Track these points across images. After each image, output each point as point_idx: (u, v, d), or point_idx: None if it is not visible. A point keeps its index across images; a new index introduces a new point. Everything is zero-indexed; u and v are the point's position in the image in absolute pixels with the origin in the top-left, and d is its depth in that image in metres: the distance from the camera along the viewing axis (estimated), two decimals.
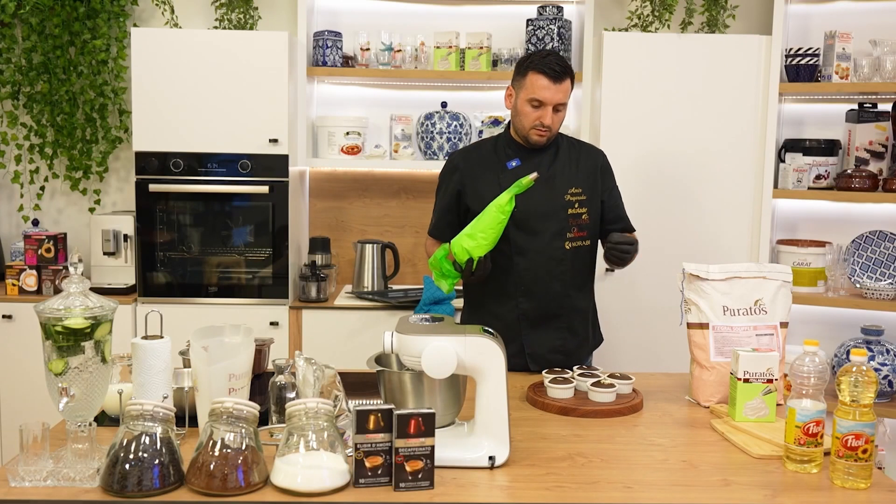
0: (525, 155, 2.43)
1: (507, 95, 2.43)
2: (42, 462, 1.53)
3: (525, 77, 2.34)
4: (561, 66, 2.31)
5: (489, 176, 2.43)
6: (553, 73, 2.30)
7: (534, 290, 2.40)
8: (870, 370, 1.58)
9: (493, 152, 2.47)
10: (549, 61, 2.31)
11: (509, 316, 2.42)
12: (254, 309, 3.45)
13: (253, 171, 3.40)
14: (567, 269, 2.41)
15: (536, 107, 2.33)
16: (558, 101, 2.32)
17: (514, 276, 2.40)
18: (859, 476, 1.58)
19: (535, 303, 2.41)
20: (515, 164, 2.42)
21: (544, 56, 2.33)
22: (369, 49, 3.67)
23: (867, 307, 3.37)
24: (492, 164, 2.45)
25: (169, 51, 3.36)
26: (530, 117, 2.35)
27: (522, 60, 2.38)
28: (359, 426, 1.52)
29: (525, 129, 2.38)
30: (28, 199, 3.88)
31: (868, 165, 3.52)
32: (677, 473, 1.66)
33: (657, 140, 3.49)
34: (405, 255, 3.90)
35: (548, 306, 2.42)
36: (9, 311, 3.43)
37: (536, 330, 2.43)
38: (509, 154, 2.44)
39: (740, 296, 2.11)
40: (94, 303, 1.58)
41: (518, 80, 2.38)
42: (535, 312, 2.42)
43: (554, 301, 2.42)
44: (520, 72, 2.37)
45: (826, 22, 3.61)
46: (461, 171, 2.47)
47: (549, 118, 2.33)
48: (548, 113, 2.32)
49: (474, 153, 2.52)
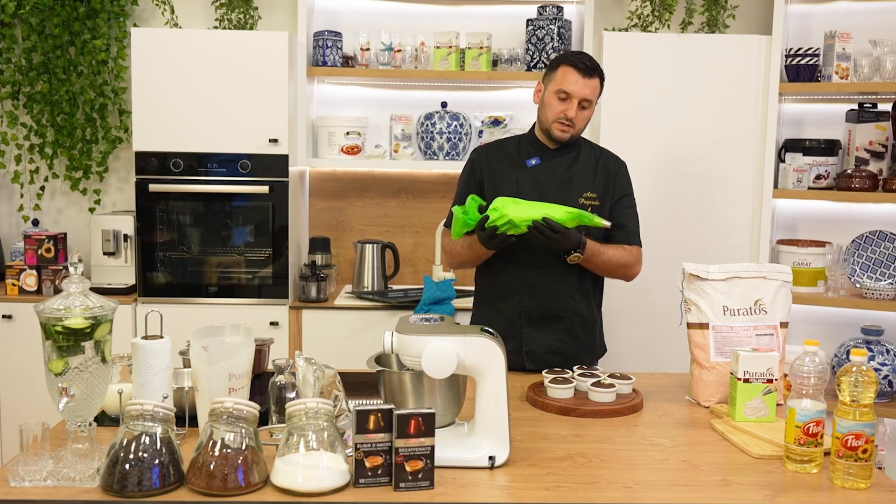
0: (546, 154, 2.47)
1: (536, 91, 2.48)
2: (42, 462, 1.53)
3: (556, 70, 2.40)
4: (591, 64, 2.38)
5: (508, 171, 2.48)
6: (584, 66, 2.36)
7: (537, 289, 2.42)
8: (870, 370, 1.58)
9: (516, 149, 2.52)
10: (581, 57, 2.38)
11: (511, 312, 2.45)
12: (254, 309, 3.45)
13: (253, 171, 3.40)
14: (574, 273, 2.42)
15: (563, 99, 2.37)
16: (585, 96, 2.36)
17: (520, 272, 2.43)
18: (859, 476, 1.58)
19: (538, 302, 2.43)
20: (535, 162, 2.46)
21: (577, 53, 2.42)
22: (369, 49, 3.67)
23: (867, 307, 3.37)
24: (512, 160, 2.50)
25: (169, 51, 3.36)
26: (555, 109, 2.38)
27: (555, 57, 2.46)
28: (359, 426, 1.52)
29: (549, 121, 2.40)
30: (28, 199, 3.88)
31: (868, 165, 3.52)
32: (677, 473, 1.66)
33: (657, 140, 3.49)
34: (405, 255, 3.90)
35: (550, 307, 2.43)
36: (9, 311, 3.43)
37: (536, 329, 2.44)
38: (530, 152, 2.49)
39: (740, 296, 2.11)
40: (94, 303, 1.58)
41: (549, 74, 2.43)
42: (536, 312, 2.43)
43: (556, 303, 2.43)
44: (552, 66, 2.43)
45: (826, 22, 3.61)
46: (482, 163, 2.53)
47: (574, 111, 2.36)
48: (573, 106, 2.36)
49: (497, 149, 2.55)
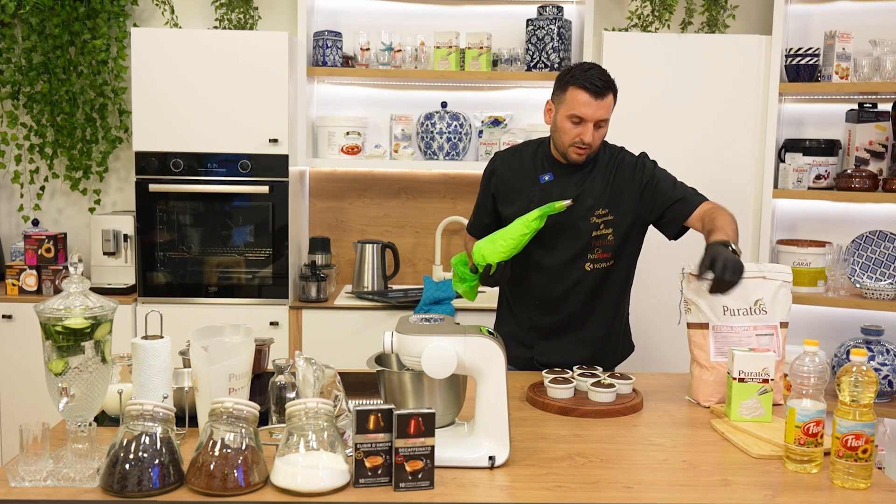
0: (559, 171, 2.36)
1: (547, 110, 2.33)
2: (42, 462, 1.53)
3: (565, 92, 2.23)
4: (603, 81, 2.20)
5: (522, 186, 2.39)
6: (595, 88, 2.18)
7: (548, 306, 2.40)
8: (870, 370, 1.58)
9: (532, 161, 2.40)
10: (590, 76, 2.19)
11: (526, 324, 2.46)
12: (254, 309, 3.45)
13: (253, 171, 3.40)
14: (585, 289, 2.37)
15: (577, 123, 2.22)
16: (600, 118, 2.21)
17: (530, 290, 2.41)
18: (859, 476, 1.58)
19: (549, 318, 2.41)
20: (548, 178, 2.35)
21: (586, 70, 2.21)
22: (369, 49, 3.67)
23: (867, 307, 3.37)
24: (527, 173, 2.39)
25: (169, 51, 3.36)
26: (570, 134, 2.24)
27: (563, 74, 2.27)
28: (359, 426, 1.52)
29: (564, 146, 2.27)
30: (28, 199, 3.88)
31: (868, 165, 3.52)
32: (677, 473, 1.66)
33: (657, 140, 3.48)
34: (405, 255, 3.90)
35: (560, 322, 2.41)
36: (9, 311, 3.43)
37: (548, 341, 2.44)
38: (545, 167, 2.38)
39: (740, 296, 2.10)
40: (94, 303, 1.58)
41: (558, 94, 2.27)
42: (549, 327, 2.42)
43: (567, 318, 2.40)
44: (560, 86, 2.26)
45: (826, 22, 3.61)
46: (497, 175, 2.45)
47: (590, 135, 2.22)
48: (588, 130, 2.21)
49: (515, 158, 2.45)
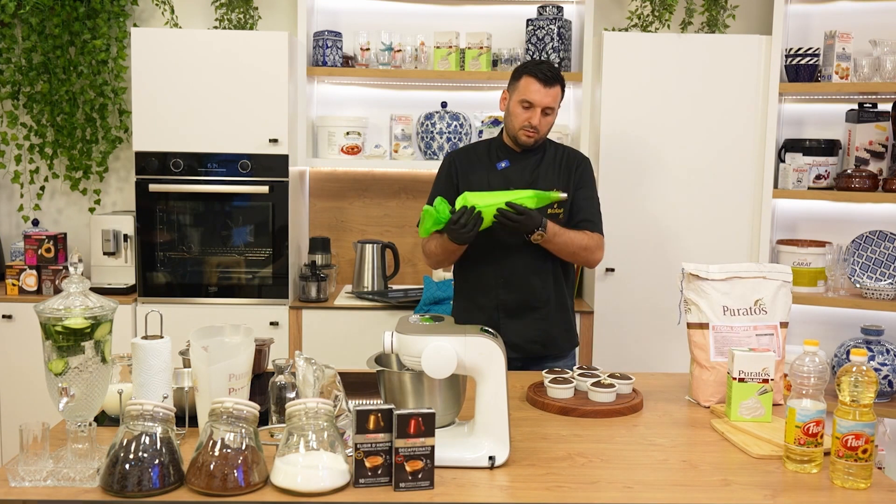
0: (514, 158, 2.61)
1: (502, 99, 2.61)
2: (42, 462, 1.53)
3: (519, 80, 2.53)
4: (552, 73, 2.49)
5: (481, 172, 2.61)
6: (544, 77, 2.48)
7: (512, 282, 2.56)
8: (870, 370, 1.58)
9: (486, 153, 2.66)
10: (542, 67, 2.50)
11: (489, 305, 2.59)
12: (254, 309, 3.45)
13: (253, 171, 3.40)
14: (546, 266, 2.56)
15: (527, 108, 2.50)
16: (547, 105, 2.50)
17: (495, 268, 2.57)
18: (859, 476, 1.59)
19: (514, 295, 2.56)
20: (505, 164, 2.61)
21: (538, 63, 2.54)
22: (369, 49, 3.67)
23: (867, 307, 3.37)
24: (483, 163, 2.64)
25: (169, 51, 3.36)
26: (520, 118, 2.51)
27: (518, 67, 2.57)
28: (359, 426, 1.52)
29: (515, 129, 2.54)
30: (28, 199, 3.88)
31: (868, 165, 3.52)
32: (677, 473, 1.66)
33: (657, 140, 3.49)
34: (405, 255, 3.90)
35: (526, 299, 2.57)
36: (9, 311, 3.43)
37: (514, 320, 2.57)
38: (500, 155, 2.63)
39: (740, 296, 2.11)
40: (94, 303, 1.58)
41: (512, 84, 2.56)
42: (513, 304, 2.57)
43: (532, 294, 2.57)
44: (515, 77, 2.55)
45: (826, 22, 3.61)
46: (456, 165, 2.67)
47: (538, 119, 2.50)
48: (536, 114, 2.49)
49: (471, 153, 2.69)
